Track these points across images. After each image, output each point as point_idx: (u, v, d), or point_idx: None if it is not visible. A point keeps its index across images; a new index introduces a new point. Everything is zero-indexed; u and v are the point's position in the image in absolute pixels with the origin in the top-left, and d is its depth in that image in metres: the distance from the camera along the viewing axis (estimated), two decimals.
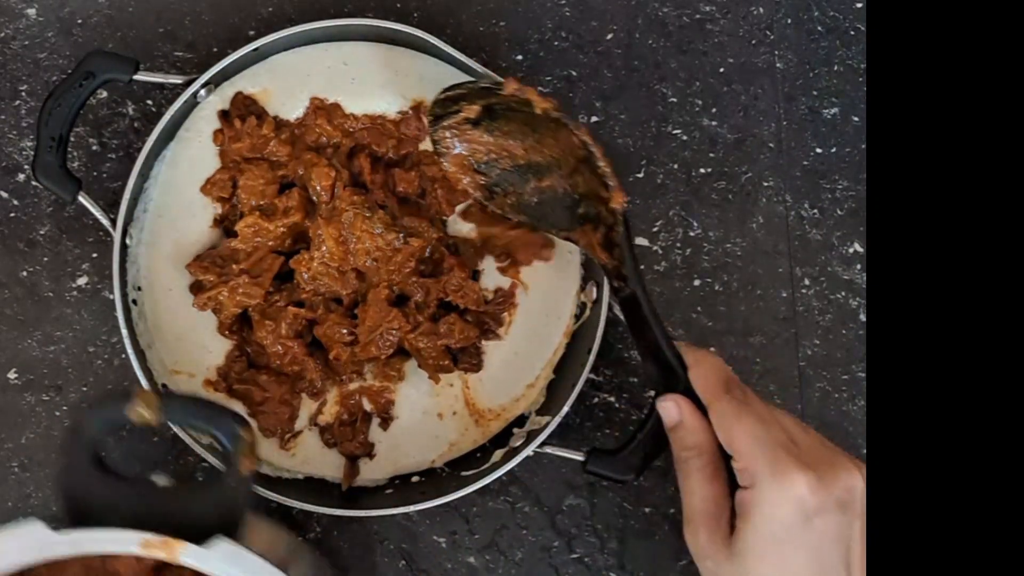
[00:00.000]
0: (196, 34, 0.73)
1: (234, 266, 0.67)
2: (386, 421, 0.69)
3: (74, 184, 0.66)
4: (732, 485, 0.55)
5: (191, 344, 0.68)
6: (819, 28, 0.75)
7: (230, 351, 0.68)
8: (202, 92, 0.68)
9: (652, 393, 0.66)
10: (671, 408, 0.58)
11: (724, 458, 0.56)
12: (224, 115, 0.68)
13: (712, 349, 0.72)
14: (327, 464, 0.69)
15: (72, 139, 0.66)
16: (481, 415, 0.69)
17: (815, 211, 0.74)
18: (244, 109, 0.68)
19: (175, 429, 0.66)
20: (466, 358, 0.68)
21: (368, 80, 0.69)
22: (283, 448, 0.68)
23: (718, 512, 0.55)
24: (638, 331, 0.61)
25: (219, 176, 0.68)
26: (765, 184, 0.74)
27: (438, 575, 0.71)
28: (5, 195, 0.72)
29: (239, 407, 0.68)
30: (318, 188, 0.67)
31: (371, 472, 0.69)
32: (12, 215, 0.72)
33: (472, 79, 0.65)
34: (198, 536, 0.49)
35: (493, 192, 0.66)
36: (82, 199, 0.66)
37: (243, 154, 0.68)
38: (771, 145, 0.74)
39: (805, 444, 0.53)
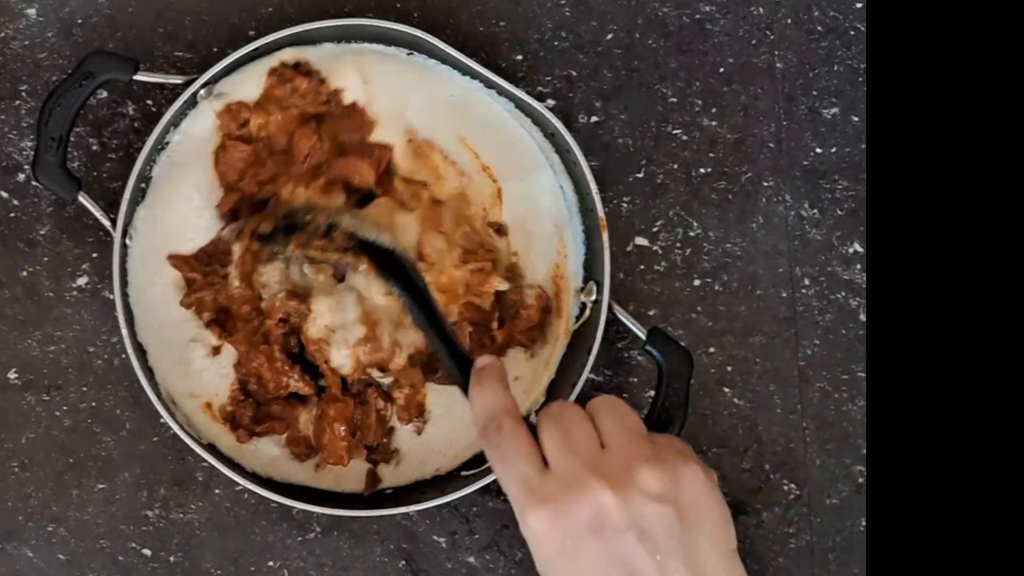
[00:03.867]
0: (196, 34, 0.73)
1: (220, 268, 0.67)
2: (418, 426, 0.69)
3: (74, 184, 0.66)
4: None
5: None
6: (819, 28, 0.75)
7: (233, 392, 0.68)
8: (202, 92, 0.68)
9: (652, 393, 0.66)
10: None
11: None
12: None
13: (712, 349, 0.73)
14: (356, 478, 0.69)
15: (72, 139, 0.66)
16: None
17: (815, 211, 0.74)
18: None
19: (175, 429, 0.66)
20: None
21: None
22: (318, 469, 0.68)
23: None
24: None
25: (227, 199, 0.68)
26: (765, 184, 0.74)
27: (438, 575, 0.71)
28: (5, 195, 0.72)
29: (272, 443, 0.68)
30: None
31: (396, 479, 0.69)
32: (12, 215, 0.72)
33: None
34: None
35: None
36: (82, 199, 0.66)
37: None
38: (771, 145, 0.74)
39: (557, 471, 0.50)
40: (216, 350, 0.68)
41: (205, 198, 0.68)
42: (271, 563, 0.71)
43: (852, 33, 0.74)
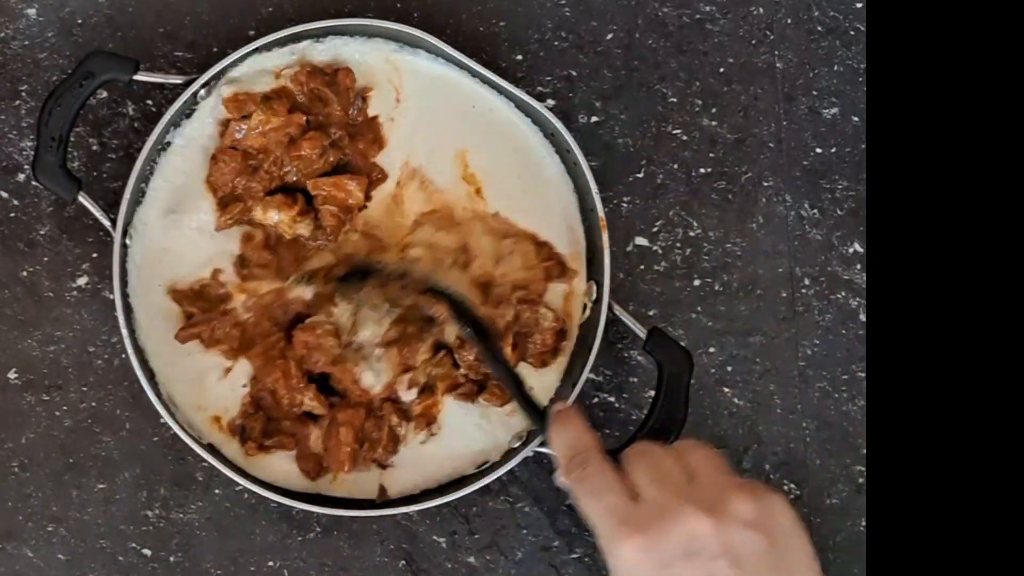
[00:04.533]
0: (196, 34, 0.73)
1: (219, 304, 0.67)
2: (432, 433, 0.69)
3: (74, 184, 0.65)
4: None
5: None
6: (819, 28, 0.75)
7: (244, 406, 0.68)
8: (202, 92, 0.68)
9: (652, 393, 0.66)
10: (563, 485, 0.57)
11: None
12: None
13: (712, 349, 0.73)
14: (368, 486, 0.69)
15: (72, 139, 0.66)
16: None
17: (815, 211, 0.74)
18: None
19: (175, 429, 0.66)
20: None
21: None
22: (334, 481, 0.68)
23: None
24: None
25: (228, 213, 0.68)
26: (765, 184, 0.74)
27: (438, 575, 0.71)
28: (5, 195, 0.72)
29: (283, 456, 0.68)
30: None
31: (404, 484, 0.69)
32: (12, 215, 0.72)
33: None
34: None
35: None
36: (82, 199, 0.66)
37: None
38: (771, 145, 0.74)
39: (647, 499, 0.52)
40: (227, 370, 0.68)
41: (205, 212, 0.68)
42: (271, 563, 0.71)
43: (852, 33, 0.74)
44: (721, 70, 0.74)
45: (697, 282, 0.73)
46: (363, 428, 0.67)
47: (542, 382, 0.69)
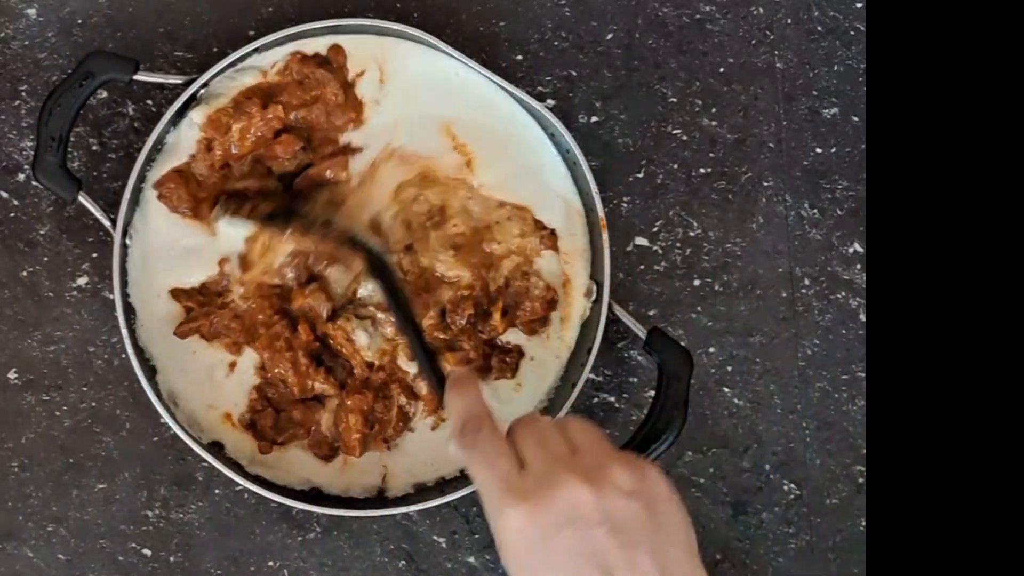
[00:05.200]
0: (196, 34, 0.73)
1: (217, 299, 0.68)
2: (436, 422, 0.69)
3: (74, 184, 0.66)
4: None
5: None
6: (819, 28, 0.75)
7: (252, 402, 0.68)
8: (202, 92, 0.68)
9: (652, 393, 0.66)
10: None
11: None
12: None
13: (712, 349, 0.73)
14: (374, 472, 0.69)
15: (72, 139, 0.66)
16: None
17: (815, 211, 0.74)
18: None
19: (175, 429, 0.66)
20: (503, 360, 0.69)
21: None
22: (344, 467, 0.68)
23: None
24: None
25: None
26: (765, 184, 0.74)
27: (438, 575, 0.71)
28: (5, 195, 0.72)
29: (299, 449, 0.68)
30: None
31: (412, 478, 0.69)
32: (12, 215, 0.72)
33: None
34: None
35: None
36: (82, 199, 0.66)
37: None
38: (771, 145, 0.74)
39: (532, 468, 0.52)
40: (232, 364, 0.68)
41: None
42: (271, 563, 0.71)
43: (852, 33, 0.74)
44: (721, 70, 0.74)
45: (697, 282, 0.73)
46: (372, 411, 0.67)
47: (541, 383, 0.69)
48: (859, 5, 0.75)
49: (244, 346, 0.68)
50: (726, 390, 0.72)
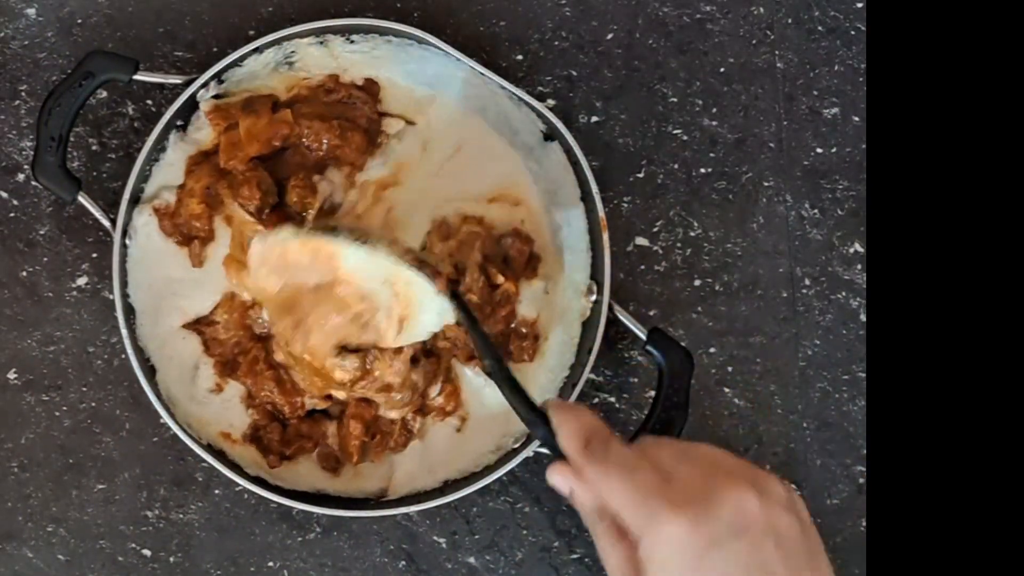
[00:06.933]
0: (196, 34, 0.73)
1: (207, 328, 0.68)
2: (462, 420, 0.69)
3: (74, 184, 0.66)
4: None
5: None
6: (819, 28, 0.75)
7: (255, 419, 0.68)
8: (202, 92, 0.68)
9: (652, 393, 0.66)
10: (559, 481, 0.53)
11: None
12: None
13: (712, 350, 0.73)
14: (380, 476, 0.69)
15: (72, 139, 0.66)
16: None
17: (815, 211, 0.74)
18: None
19: (175, 429, 0.66)
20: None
21: None
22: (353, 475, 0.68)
23: (633, 572, 0.51)
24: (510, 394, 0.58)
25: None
26: (765, 184, 0.73)
27: (438, 575, 0.71)
28: (5, 195, 0.72)
29: (310, 463, 0.68)
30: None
31: (423, 481, 0.69)
32: (12, 215, 0.72)
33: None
34: None
35: None
36: (82, 199, 0.66)
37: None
38: (771, 145, 0.74)
39: (683, 477, 0.49)
40: (219, 387, 0.68)
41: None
42: (271, 563, 0.71)
43: (852, 33, 0.74)
44: (721, 70, 0.74)
45: (697, 282, 0.73)
46: (374, 421, 0.67)
47: (541, 381, 0.69)
48: (859, 5, 0.75)
49: (228, 377, 0.68)
50: (726, 390, 0.72)
